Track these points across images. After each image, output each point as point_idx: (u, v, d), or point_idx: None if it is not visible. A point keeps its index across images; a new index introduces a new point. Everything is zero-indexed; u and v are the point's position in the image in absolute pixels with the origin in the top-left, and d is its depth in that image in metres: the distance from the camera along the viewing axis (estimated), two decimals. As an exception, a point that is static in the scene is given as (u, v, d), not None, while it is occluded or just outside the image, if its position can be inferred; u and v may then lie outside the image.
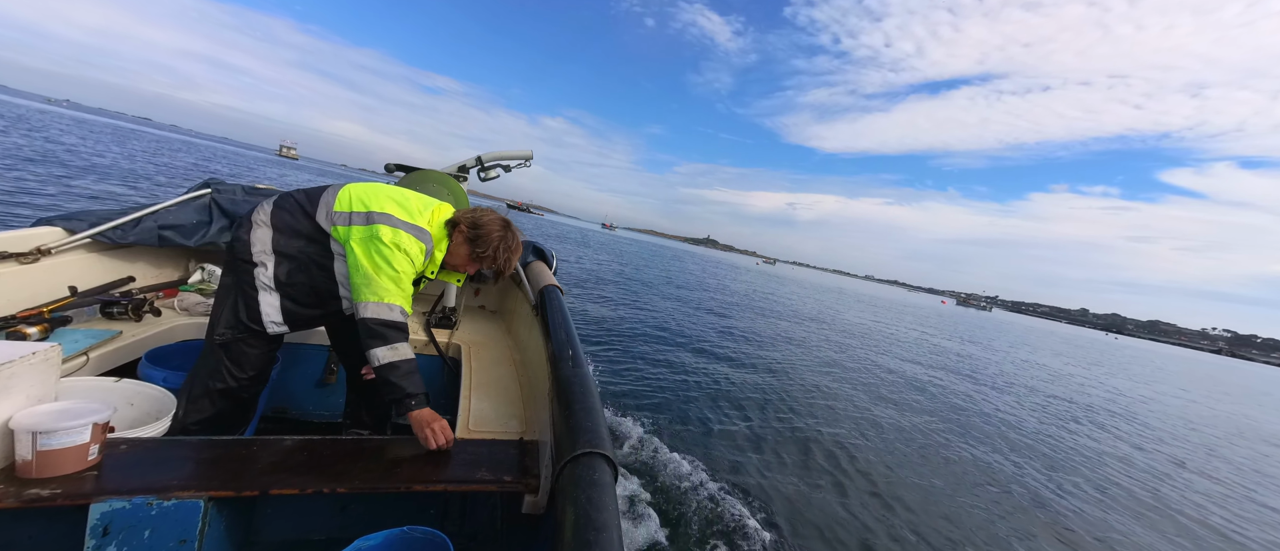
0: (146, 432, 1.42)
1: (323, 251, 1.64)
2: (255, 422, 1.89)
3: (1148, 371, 25.75)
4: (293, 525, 1.50)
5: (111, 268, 2.34)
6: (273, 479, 1.23)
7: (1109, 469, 6.23)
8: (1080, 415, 9.37)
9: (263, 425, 2.17)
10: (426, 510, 1.68)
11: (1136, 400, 13.17)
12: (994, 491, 4.74)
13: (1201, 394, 18.89)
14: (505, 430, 1.72)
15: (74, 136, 25.60)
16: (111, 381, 1.63)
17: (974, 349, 18.48)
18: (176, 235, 2.42)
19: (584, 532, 0.90)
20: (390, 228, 1.57)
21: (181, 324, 2.19)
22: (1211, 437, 9.88)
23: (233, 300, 1.59)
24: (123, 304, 2.08)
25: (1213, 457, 8.07)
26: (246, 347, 1.61)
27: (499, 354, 2.48)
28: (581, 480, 1.05)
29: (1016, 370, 14.58)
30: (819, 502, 3.77)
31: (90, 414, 1.14)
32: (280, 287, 1.61)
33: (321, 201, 1.65)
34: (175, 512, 1.13)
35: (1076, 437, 7.54)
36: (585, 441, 1.16)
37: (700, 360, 7.47)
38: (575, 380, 1.45)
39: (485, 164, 3.38)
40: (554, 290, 2.25)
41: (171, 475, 1.19)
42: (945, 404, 8.00)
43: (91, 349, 1.75)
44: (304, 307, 1.66)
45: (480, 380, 2.12)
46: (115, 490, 1.10)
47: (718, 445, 4.42)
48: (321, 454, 1.36)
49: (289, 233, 1.61)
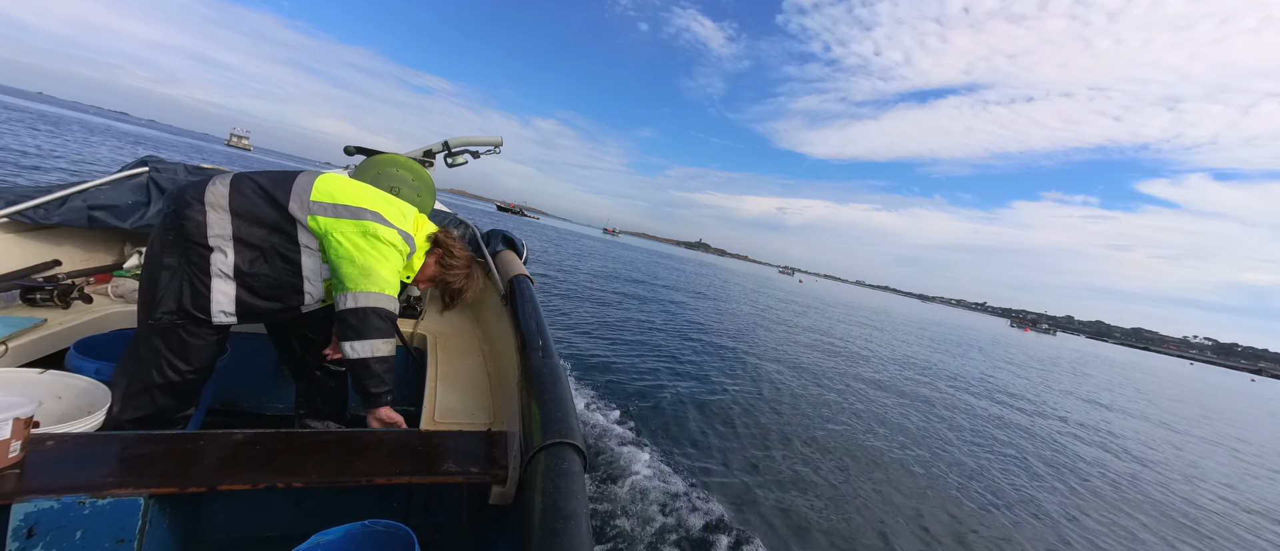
0: (77, 428, 1.32)
1: (288, 242, 1.55)
2: (201, 416, 1.78)
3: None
4: (244, 521, 1.43)
5: (33, 250, 2.14)
6: (221, 474, 1.16)
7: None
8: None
9: (210, 419, 2.05)
10: (389, 504, 1.64)
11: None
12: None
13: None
14: (473, 421, 1.69)
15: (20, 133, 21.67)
16: (35, 373, 1.50)
17: (1130, 405, 14.48)
18: (109, 216, 2.23)
19: (552, 521, 0.90)
20: (385, 227, 1.57)
21: (116, 312, 2.03)
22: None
23: (177, 285, 1.47)
24: (47, 289, 1.91)
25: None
26: (189, 337, 1.50)
27: (467, 344, 2.43)
28: (550, 470, 1.04)
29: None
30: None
31: (10, 408, 1.04)
32: (240, 277, 1.51)
33: (294, 188, 1.55)
34: (111, 511, 1.06)
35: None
36: (555, 431, 1.15)
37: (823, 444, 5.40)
38: (545, 370, 1.44)
39: (453, 149, 3.28)
40: (524, 280, 2.22)
41: (106, 472, 1.11)
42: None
43: (10, 338, 1.61)
44: (261, 301, 1.57)
45: (447, 371, 2.07)
46: (41, 489, 1.02)
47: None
48: (275, 448, 1.30)
49: (250, 219, 1.51)
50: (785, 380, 8.23)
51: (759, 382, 7.65)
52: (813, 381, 8.59)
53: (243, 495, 1.34)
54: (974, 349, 23.78)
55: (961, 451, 6.41)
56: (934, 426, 7.33)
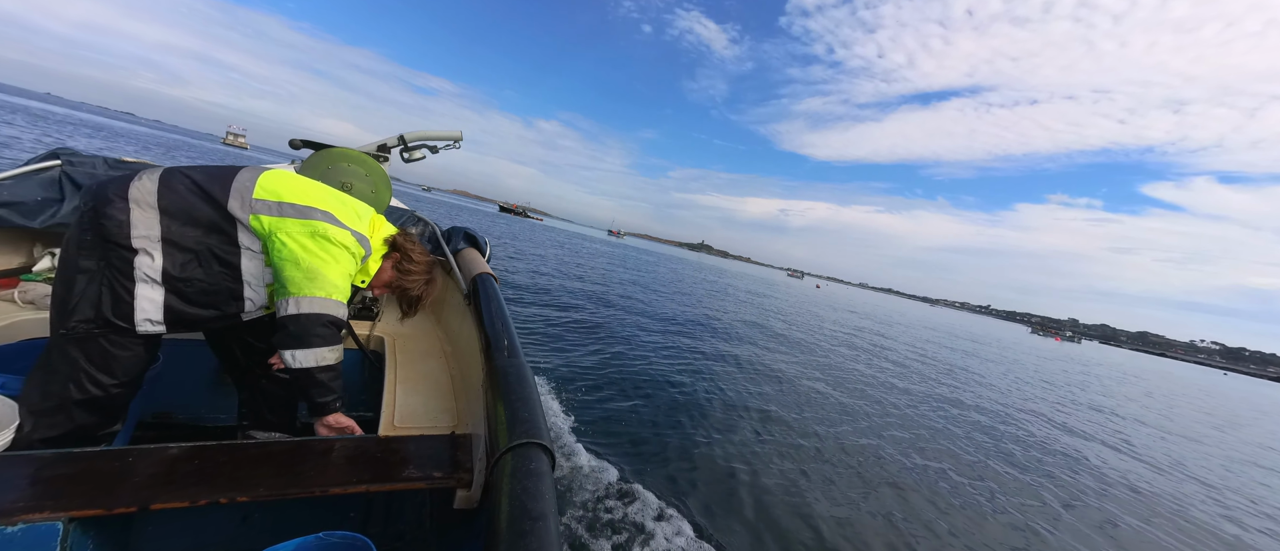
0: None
1: (226, 244, 1.43)
2: (129, 431, 1.64)
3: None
4: (182, 542, 1.33)
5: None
6: (154, 492, 1.07)
7: None
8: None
9: (140, 434, 1.89)
10: (345, 514, 1.57)
11: None
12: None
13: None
14: (435, 425, 1.64)
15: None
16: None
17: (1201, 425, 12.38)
18: (15, 214, 2.01)
19: (520, 523, 0.88)
20: (337, 227, 1.48)
21: (25, 319, 1.83)
22: None
23: (96, 290, 1.33)
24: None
25: None
26: (112, 347, 1.36)
27: (428, 346, 2.35)
28: (518, 470, 1.02)
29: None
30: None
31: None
32: (169, 282, 1.37)
33: (234, 185, 1.43)
34: (24, 539, 0.95)
35: None
36: (522, 431, 1.13)
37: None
38: (511, 370, 1.41)
39: (409, 144, 3.15)
40: (488, 278, 2.16)
41: (16, 494, 1.00)
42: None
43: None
44: (195, 308, 1.44)
45: (407, 374, 1.99)
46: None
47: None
48: (217, 461, 1.21)
49: (182, 219, 1.38)
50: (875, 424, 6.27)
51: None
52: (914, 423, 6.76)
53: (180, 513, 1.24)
54: (1017, 363, 20.64)
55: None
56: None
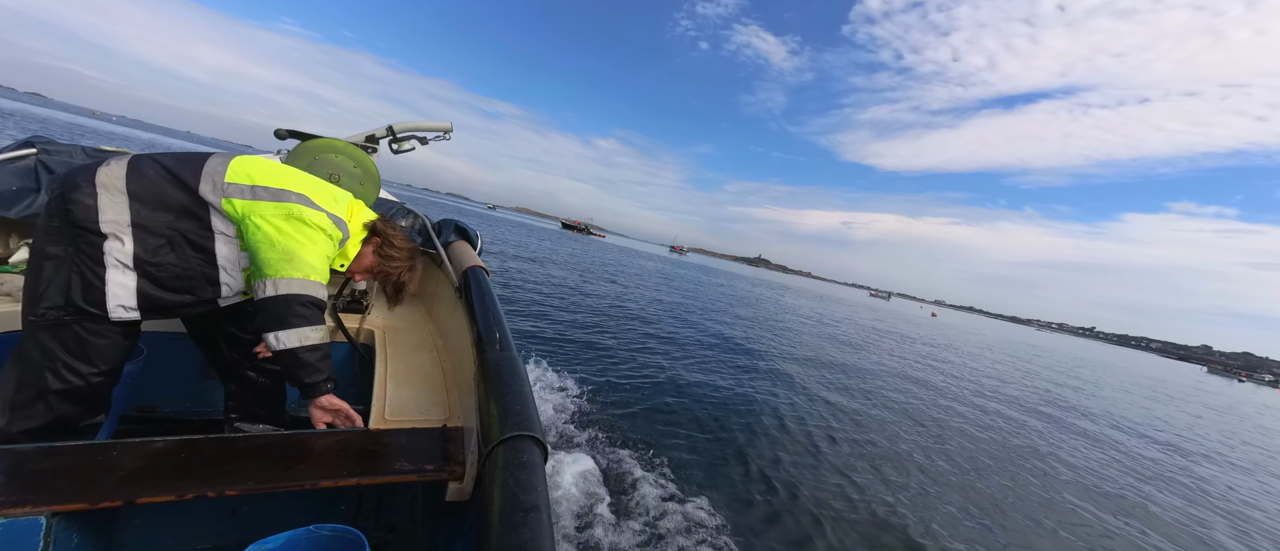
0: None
1: (200, 228, 1.41)
2: (113, 425, 1.61)
3: None
4: (169, 536, 1.31)
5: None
6: (140, 486, 1.06)
7: None
8: None
9: (125, 428, 1.86)
10: (335, 508, 1.56)
11: None
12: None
13: None
14: (426, 418, 1.63)
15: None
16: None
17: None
18: None
19: (512, 514, 0.89)
20: (312, 210, 1.46)
21: (1, 312, 1.79)
22: None
23: (64, 276, 1.30)
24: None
25: None
26: (89, 335, 1.33)
27: (419, 339, 2.33)
28: (510, 463, 1.03)
29: None
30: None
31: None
32: (141, 268, 1.35)
33: (205, 170, 1.41)
34: (5, 534, 0.94)
35: None
36: (514, 424, 1.13)
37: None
38: (503, 363, 1.41)
39: (398, 135, 3.10)
40: (479, 271, 2.15)
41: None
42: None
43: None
44: (168, 293, 1.41)
45: (397, 367, 1.98)
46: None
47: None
48: (204, 454, 1.20)
49: (152, 204, 1.36)
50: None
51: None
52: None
53: (166, 508, 1.23)
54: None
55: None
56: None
